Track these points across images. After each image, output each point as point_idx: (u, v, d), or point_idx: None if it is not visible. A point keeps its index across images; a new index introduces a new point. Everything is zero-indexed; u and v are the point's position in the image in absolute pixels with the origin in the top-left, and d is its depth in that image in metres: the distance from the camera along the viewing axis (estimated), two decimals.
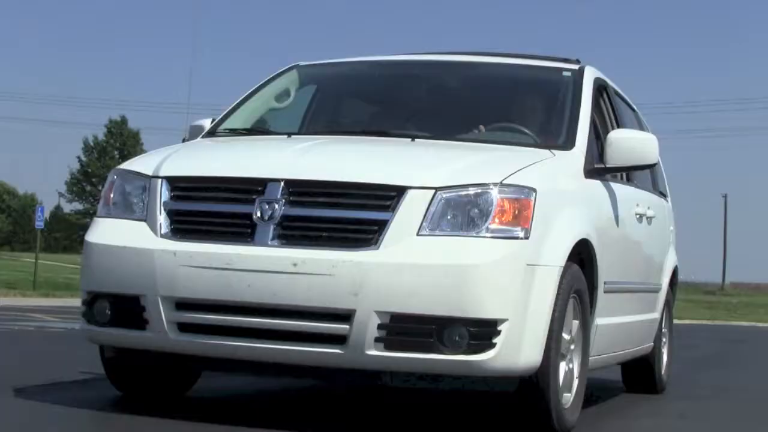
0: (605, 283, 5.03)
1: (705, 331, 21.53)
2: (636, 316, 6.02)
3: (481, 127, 5.18)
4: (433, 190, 4.10)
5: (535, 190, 4.24)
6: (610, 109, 5.87)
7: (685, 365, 9.72)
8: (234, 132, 5.34)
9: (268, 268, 4.04)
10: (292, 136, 4.97)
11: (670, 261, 7.01)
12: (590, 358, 4.93)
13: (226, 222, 4.25)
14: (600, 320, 5.08)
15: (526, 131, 5.13)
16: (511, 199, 4.17)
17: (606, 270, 5.01)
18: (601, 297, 5.01)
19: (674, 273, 7.12)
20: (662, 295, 6.81)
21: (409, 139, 4.81)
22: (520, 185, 4.22)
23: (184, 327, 4.25)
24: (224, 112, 5.58)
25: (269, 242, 4.12)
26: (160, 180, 4.43)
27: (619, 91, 6.45)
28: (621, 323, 5.60)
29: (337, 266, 3.99)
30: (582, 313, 4.73)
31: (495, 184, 4.16)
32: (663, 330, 7.06)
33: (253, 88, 5.76)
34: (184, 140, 5.53)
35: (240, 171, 4.35)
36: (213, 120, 5.58)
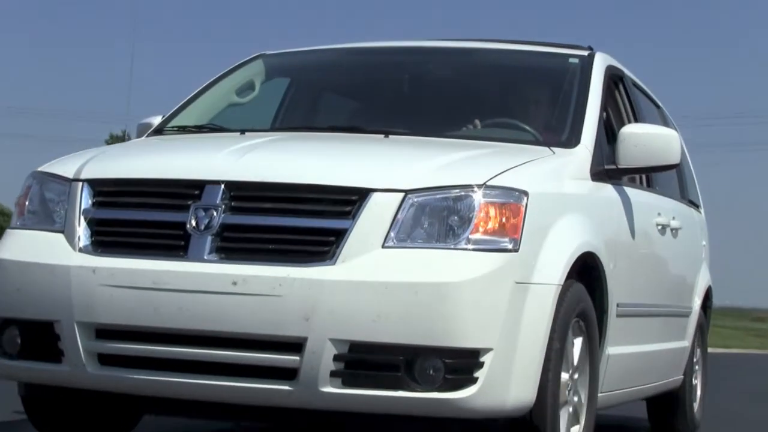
0: (618, 305, 4.72)
1: (754, 362, 21.10)
2: (660, 344, 5.68)
3: (477, 122, 4.93)
4: (402, 193, 3.81)
5: (526, 194, 3.93)
6: (627, 103, 5.56)
7: (729, 399, 9.33)
8: (183, 130, 5.05)
9: (203, 287, 3.75)
10: (246, 133, 4.65)
11: (703, 280, 6.68)
12: (600, 394, 4.61)
13: (155, 233, 3.94)
14: (612, 349, 4.76)
15: (526, 127, 4.84)
16: (498, 204, 3.86)
17: (619, 290, 4.70)
18: (614, 322, 4.69)
19: (707, 294, 6.81)
20: (693, 320, 6.47)
21: (383, 136, 4.51)
22: (509, 187, 3.91)
23: (105, 359, 3.93)
24: (175, 108, 5.31)
25: (205, 257, 3.82)
26: (80, 183, 4.11)
27: (640, 83, 6.13)
28: (640, 353, 5.27)
29: (285, 285, 3.68)
30: (588, 340, 4.40)
31: (478, 186, 3.86)
32: (695, 360, 6.73)
33: (210, 81, 5.47)
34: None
35: (172, 172, 4.03)
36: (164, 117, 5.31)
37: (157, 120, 5.27)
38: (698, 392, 6.89)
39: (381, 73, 5.47)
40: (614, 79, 5.40)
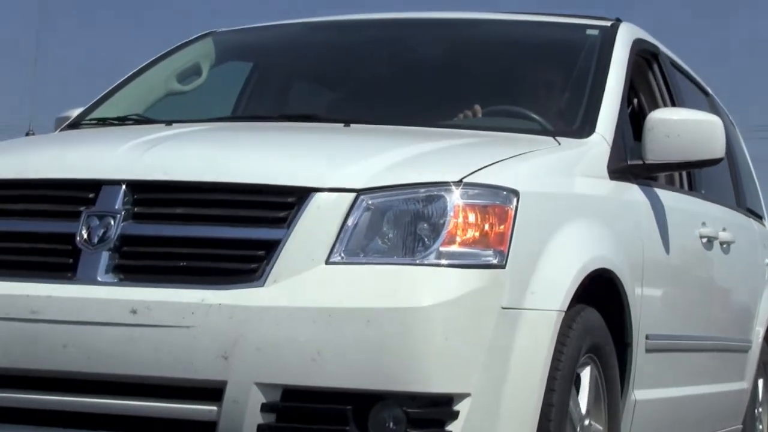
0: (648, 337, 4.42)
1: None
2: (708, 386, 5.33)
3: (477, 107, 4.68)
4: (354, 194, 3.50)
5: (516, 193, 3.60)
6: (664, 87, 5.26)
7: None
8: (103, 122, 4.79)
9: (95, 318, 3.44)
10: (174, 125, 4.37)
11: (766, 307, 6.32)
12: None
13: (37, 248, 3.61)
14: (641, 393, 4.44)
15: (531, 114, 4.60)
16: (479, 207, 3.54)
17: (649, 318, 4.39)
18: (642, 359, 4.38)
19: None
20: (754, 356, 6.11)
21: (341, 125, 4.30)
22: (493, 185, 3.59)
23: None
24: (99, 97, 5.05)
25: (99, 278, 3.51)
26: None
27: (682, 63, 5.81)
28: (680, 398, 4.94)
29: (198, 313, 3.38)
30: (605, 383, 4.08)
31: (454, 184, 3.55)
32: (758, 406, 6.40)
33: (145, 64, 5.19)
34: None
35: (61, 170, 3.71)
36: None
37: (76, 113, 5.02)
38: None
39: (361, 52, 5.25)
40: (645, 57, 5.13)
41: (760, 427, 6.43)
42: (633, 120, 4.81)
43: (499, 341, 3.46)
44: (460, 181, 3.53)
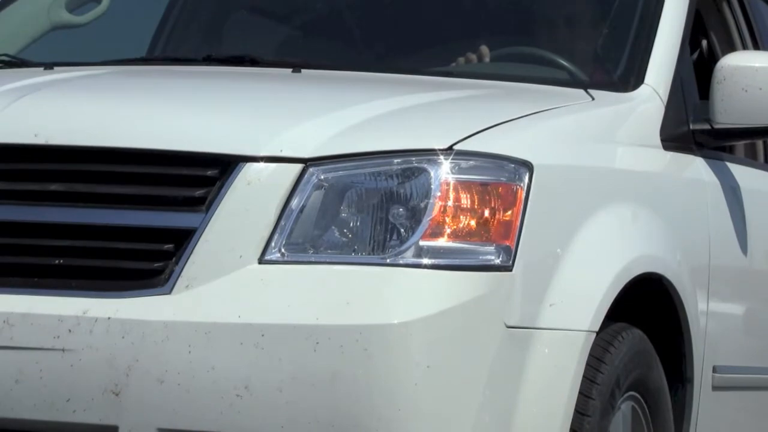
0: (716, 370, 4.51)
1: None
2: None
3: (484, 49, 4.82)
4: (300, 165, 3.62)
5: (529, 167, 3.71)
6: (743, 24, 5.32)
7: None
8: None
9: None
10: (55, 68, 4.47)
11: None
12: None
13: None
14: None
15: (558, 59, 4.75)
16: (475, 185, 3.66)
17: (718, 344, 4.51)
18: (707, 399, 4.46)
19: None
20: None
21: (289, 71, 4.46)
22: (497, 155, 3.70)
23: None
24: None
25: None
26: None
27: None
28: None
29: (78, 330, 3.47)
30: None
31: (441, 152, 3.65)
32: None
33: None
34: None
35: None
36: None
37: None
38: None
39: None
40: None
41: None
42: (699, 69, 4.91)
43: (502, 374, 3.55)
44: (450, 148, 3.62)
